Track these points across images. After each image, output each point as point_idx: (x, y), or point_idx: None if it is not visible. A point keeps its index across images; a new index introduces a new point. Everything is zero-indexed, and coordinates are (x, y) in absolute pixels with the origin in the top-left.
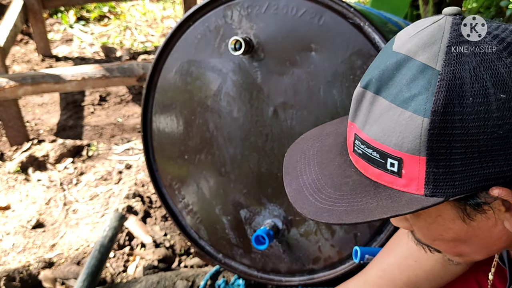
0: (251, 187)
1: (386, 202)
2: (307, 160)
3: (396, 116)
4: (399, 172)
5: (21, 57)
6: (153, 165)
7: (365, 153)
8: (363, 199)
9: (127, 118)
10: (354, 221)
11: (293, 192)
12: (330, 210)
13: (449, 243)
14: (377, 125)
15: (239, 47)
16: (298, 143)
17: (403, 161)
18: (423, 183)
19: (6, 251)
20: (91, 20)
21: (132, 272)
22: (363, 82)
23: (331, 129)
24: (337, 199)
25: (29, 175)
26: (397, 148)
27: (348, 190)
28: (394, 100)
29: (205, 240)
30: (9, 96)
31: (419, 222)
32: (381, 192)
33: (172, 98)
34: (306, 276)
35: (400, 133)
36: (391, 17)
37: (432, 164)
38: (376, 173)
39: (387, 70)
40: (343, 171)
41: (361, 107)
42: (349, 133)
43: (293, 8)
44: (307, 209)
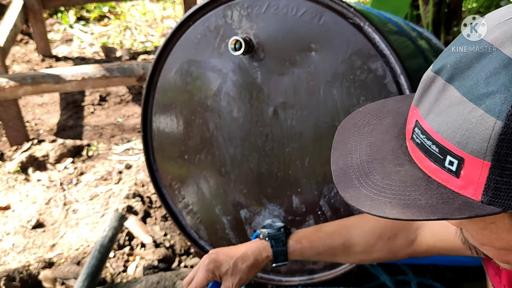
0: (251, 187)
1: (437, 202)
2: (359, 138)
3: (466, 112)
4: (458, 172)
5: (21, 57)
6: (153, 165)
7: (424, 144)
8: (412, 193)
9: (127, 118)
10: (397, 216)
11: (339, 171)
12: (374, 199)
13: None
14: (442, 116)
15: (239, 47)
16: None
17: (464, 161)
18: (482, 189)
19: (6, 251)
20: (91, 20)
21: (132, 272)
22: (436, 66)
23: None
24: (384, 188)
25: (29, 175)
26: (460, 147)
27: (397, 181)
28: (467, 93)
29: (205, 240)
30: (9, 96)
31: (470, 225)
32: (433, 189)
33: (172, 98)
34: (306, 276)
35: (466, 131)
36: (391, 17)
37: (496, 172)
38: (432, 167)
39: (466, 57)
40: (396, 157)
41: (428, 93)
42: (410, 118)
43: (293, 8)
44: (349, 193)
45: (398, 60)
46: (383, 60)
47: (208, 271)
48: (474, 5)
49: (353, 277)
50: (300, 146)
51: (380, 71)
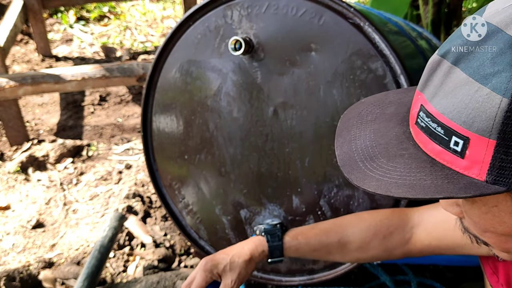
0: (251, 187)
1: (442, 182)
2: (363, 126)
3: (472, 92)
4: (463, 153)
5: (21, 57)
6: (153, 165)
7: (429, 127)
8: (417, 174)
9: (127, 118)
10: (403, 195)
11: (343, 155)
12: (379, 180)
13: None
14: (448, 98)
15: (239, 47)
16: (357, 107)
17: (470, 141)
18: (487, 168)
19: (6, 251)
20: (91, 20)
21: (132, 272)
22: (441, 50)
23: (394, 97)
24: (389, 170)
25: (29, 175)
26: (466, 126)
27: (402, 163)
28: (473, 74)
29: (205, 240)
30: (9, 96)
31: (472, 210)
32: (437, 170)
33: (172, 98)
34: (306, 276)
35: (472, 111)
36: (391, 17)
37: (501, 150)
38: (437, 150)
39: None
40: (400, 142)
41: (434, 77)
42: (414, 103)
43: (293, 8)
44: (355, 175)
45: (398, 60)
46: (383, 60)
47: (206, 271)
48: (474, 5)
49: (353, 277)
50: (300, 146)
51: (380, 71)
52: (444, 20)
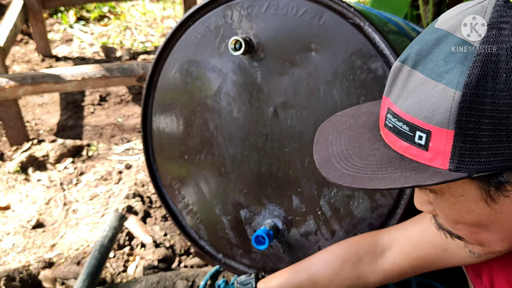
0: (251, 187)
1: (410, 173)
2: (338, 133)
3: (429, 89)
4: (426, 145)
5: (21, 57)
6: (153, 165)
7: (396, 126)
8: (388, 169)
9: (127, 118)
10: (376, 186)
11: (321, 159)
12: (354, 176)
13: (470, 228)
14: (410, 98)
15: (239, 47)
16: (332, 119)
17: (431, 133)
18: (449, 157)
19: (6, 251)
20: (91, 20)
21: (132, 272)
22: (401, 57)
23: (366, 109)
24: (363, 167)
25: (29, 175)
26: (426, 120)
27: (374, 161)
28: (429, 73)
29: (205, 240)
30: (9, 96)
31: (442, 202)
32: (406, 164)
33: (172, 98)
34: None
35: (431, 105)
36: (391, 17)
37: (459, 139)
38: (404, 146)
39: (426, 45)
40: (372, 144)
41: (397, 82)
42: (382, 107)
43: (293, 8)
44: (332, 174)
45: None
46: (383, 60)
47: None
48: None
49: None
50: (300, 146)
51: (380, 71)
52: None
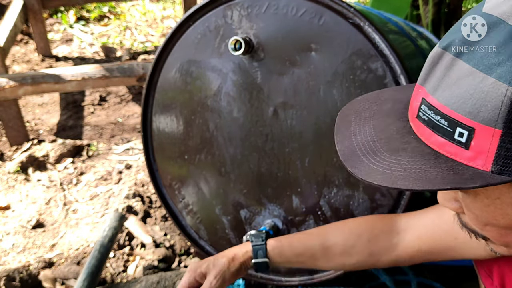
0: (251, 187)
1: (448, 174)
2: (362, 122)
3: (476, 82)
4: (467, 144)
5: (21, 57)
6: (153, 165)
7: (431, 119)
8: (422, 167)
9: (127, 118)
10: (411, 187)
11: (345, 150)
12: (384, 173)
13: (500, 230)
14: (451, 90)
15: (239, 47)
16: (353, 104)
17: (475, 131)
18: (492, 158)
19: (6, 251)
20: (91, 20)
21: (132, 272)
22: (443, 43)
23: (389, 95)
24: (393, 163)
25: (29, 175)
26: (471, 116)
27: (405, 156)
28: (477, 64)
29: (205, 240)
30: (9, 96)
31: (474, 203)
32: (441, 162)
33: (172, 98)
34: (306, 276)
35: (478, 101)
36: (391, 17)
37: (506, 139)
38: (439, 142)
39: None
40: (402, 136)
41: (436, 70)
42: (414, 97)
43: (293, 8)
44: (358, 169)
45: (398, 60)
46: (383, 60)
47: (190, 271)
48: (474, 5)
49: (353, 277)
50: (300, 146)
51: (380, 71)
52: (444, 20)
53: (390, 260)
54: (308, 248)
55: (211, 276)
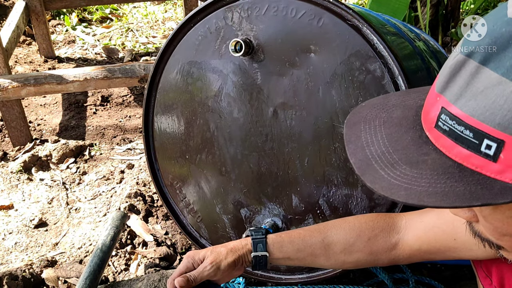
0: (251, 186)
1: (476, 188)
2: (373, 131)
3: (507, 92)
4: (496, 156)
5: (24, 58)
6: (154, 164)
7: (454, 130)
8: (447, 181)
9: (129, 118)
10: (439, 204)
11: (360, 163)
12: (408, 189)
13: None
14: (477, 100)
15: (239, 49)
16: (360, 111)
17: (505, 144)
18: None
19: (8, 250)
20: (93, 21)
21: (134, 271)
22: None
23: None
24: (415, 177)
25: (32, 175)
26: (501, 128)
27: (427, 169)
28: (506, 73)
29: (206, 239)
30: (12, 96)
31: (494, 215)
32: (467, 176)
33: (174, 98)
34: (306, 274)
35: (509, 112)
36: (389, 19)
37: None
38: (464, 154)
39: (502, 38)
40: (419, 147)
41: (458, 78)
42: (431, 106)
43: (292, 10)
44: (379, 184)
45: (396, 61)
46: (381, 61)
47: (188, 257)
48: (472, 6)
49: (352, 275)
50: (300, 146)
51: (378, 72)
52: (442, 21)
53: (389, 259)
54: (308, 244)
55: (207, 261)
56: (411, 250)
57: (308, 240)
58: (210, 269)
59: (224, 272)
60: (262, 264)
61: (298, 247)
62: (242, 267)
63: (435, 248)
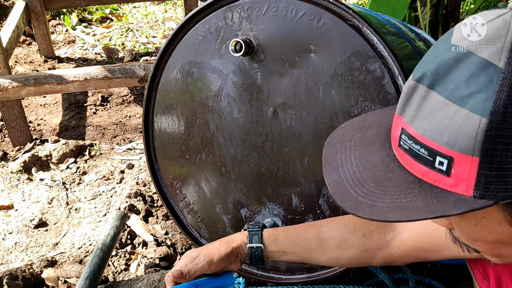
0: (251, 186)
1: (432, 202)
2: (347, 151)
3: (451, 114)
4: (448, 171)
5: (24, 58)
6: (154, 164)
7: (412, 149)
8: (407, 196)
9: (129, 118)
10: (398, 219)
11: (333, 183)
12: (372, 206)
13: (490, 245)
14: (428, 121)
15: (239, 49)
16: (338, 133)
17: (454, 160)
18: (473, 184)
19: (9, 250)
20: (93, 21)
21: (134, 271)
22: (416, 75)
23: (373, 119)
24: (380, 194)
25: (32, 175)
26: (449, 146)
27: (391, 186)
28: (450, 96)
29: (206, 239)
30: (12, 96)
31: (461, 223)
32: (426, 190)
33: (173, 98)
34: (306, 274)
35: (453, 131)
36: (389, 19)
37: (485, 166)
38: (423, 170)
39: (445, 64)
40: (386, 165)
41: (411, 101)
42: (395, 127)
43: (292, 10)
44: (348, 203)
45: (396, 61)
46: (381, 61)
47: (184, 256)
48: (471, 6)
49: (351, 275)
50: (300, 146)
51: (378, 72)
52: (442, 21)
53: (384, 257)
54: (303, 238)
55: (201, 255)
56: (406, 248)
57: (302, 234)
58: (203, 261)
59: (218, 265)
60: (257, 257)
61: (292, 241)
62: (238, 259)
63: (430, 246)
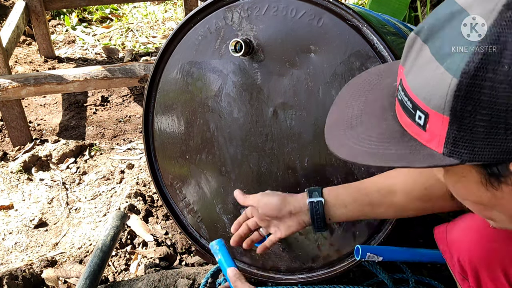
0: (251, 186)
1: (404, 152)
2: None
3: (432, 70)
4: (425, 126)
5: (24, 58)
6: (154, 164)
7: (402, 100)
8: (385, 144)
9: (129, 118)
10: (366, 162)
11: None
12: (352, 148)
13: (475, 206)
14: (417, 75)
15: (239, 49)
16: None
17: (429, 116)
18: (443, 141)
19: (8, 250)
20: (93, 21)
21: (134, 271)
22: (417, 28)
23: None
24: (363, 139)
25: (32, 175)
26: (425, 102)
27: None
28: (435, 53)
29: (206, 239)
30: (12, 96)
31: (447, 179)
32: (405, 142)
33: (173, 98)
34: (306, 274)
35: (431, 88)
36: (389, 19)
37: (454, 126)
38: (407, 122)
39: (440, 19)
40: (383, 112)
41: (410, 53)
42: (398, 76)
43: (292, 10)
44: (333, 141)
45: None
46: (381, 61)
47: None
48: None
49: (351, 275)
50: (300, 146)
51: None
52: None
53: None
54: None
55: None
56: None
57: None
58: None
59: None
60: (319, 214)
61: (354, 197)
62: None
63: None
